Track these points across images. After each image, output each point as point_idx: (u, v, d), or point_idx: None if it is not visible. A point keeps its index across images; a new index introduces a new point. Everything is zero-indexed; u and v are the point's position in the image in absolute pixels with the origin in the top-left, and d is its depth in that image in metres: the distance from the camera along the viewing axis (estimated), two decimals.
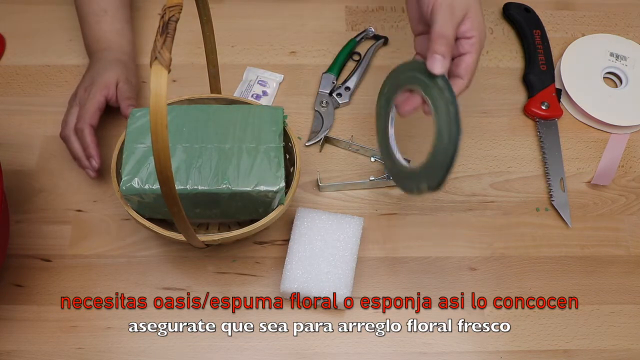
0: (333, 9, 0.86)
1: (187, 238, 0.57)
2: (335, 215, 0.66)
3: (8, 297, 0.65)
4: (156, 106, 0.41)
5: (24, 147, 0.74)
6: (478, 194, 0.72)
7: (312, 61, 0.81)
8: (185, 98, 0.67)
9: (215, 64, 0.66)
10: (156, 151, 0.43)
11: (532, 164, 0.75)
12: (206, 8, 0.58)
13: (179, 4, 0.43)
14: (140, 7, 0.84)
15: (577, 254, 0.69)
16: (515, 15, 0.84)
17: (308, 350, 0.63)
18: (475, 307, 0.66)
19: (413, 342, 0.64)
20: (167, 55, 0.41)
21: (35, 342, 0.63)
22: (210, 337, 0.64)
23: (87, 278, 0.66)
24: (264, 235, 0.69)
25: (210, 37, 0.62)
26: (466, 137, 0.76)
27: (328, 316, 0.65)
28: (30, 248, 0.67)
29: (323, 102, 0.77)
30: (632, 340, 0.65)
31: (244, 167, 0.59)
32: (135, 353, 0.63)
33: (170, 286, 0.66)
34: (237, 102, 0.68)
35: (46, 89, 0.78)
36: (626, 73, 0.80)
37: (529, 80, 0.79)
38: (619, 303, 0.67)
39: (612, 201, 0.73)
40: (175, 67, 0.78)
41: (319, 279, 0.62)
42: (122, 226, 0.69)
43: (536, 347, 0.64)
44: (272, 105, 0.77)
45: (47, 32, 0.82)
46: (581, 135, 0.77)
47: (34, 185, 0.71)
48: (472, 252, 0.69)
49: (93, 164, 0.67)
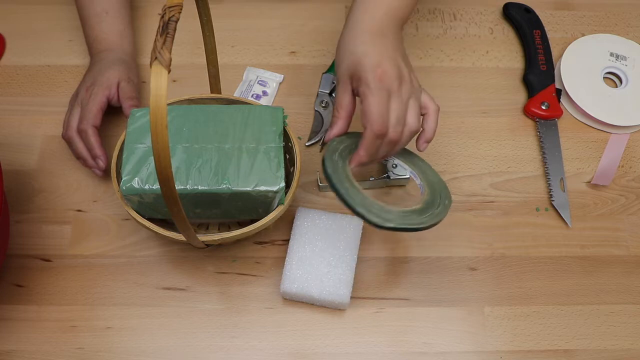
0: (333, 9, 0.86)
1: (187, 238, 0.57)
2: (335, 215, 0.66)
3: (8, 297, 0.65)
4: (156, 106, 0.41)
5: (24, 147, 0.74)
6: (478, 194, 0.72)
7: (312, 61, 0.81)
8: (185, 98, 0.67)
9: (215, 64, 0.66)
10: (156, 151, 0.43)
11: (532, 164, 0.75)
12: (206, 8, 0.58)
13: (179, 4, 0.43)
14: (140, 7, 0.84)
15: (577, 254, 0.69)
16: (515, 15, 0.84)
17: (308, 350, 0.63)
18: (475, 307, 0.66)
19: (413, 342, 0.64)
20: (167, 55, 0.41)
21: (35, 342, 0.63)
22: (210, 337, 0.64)
23: (87, 278, 0.66)
24: (264, 235, 0.69)
25: (210, 37, 0.62)
26: (466, 137, 0.76)
27: (328, 316, 0.65)
28: (30, 248, 0.67)
29: (323, 102, 0.77)
30: (632, 340, 0.65)
31: (244, 167, 0.59)
32: (135, 353, 0.63)
33: (170, 286, 0.66)
34: (237, 102, 0.68)
35: (46, 89, 0.78)
36: (626, 73, 0.80)
37: (529, 80, 0.79)
38: (619, 303, 0.67)
39: (612, 201, 0.73)
40: (175, 67, 0.78)
41: (319, 279, 0.62)
42: (122, 226, 0.69)
43: (536, 347, 0.64)
44: (272, 105, 0.77)
45: (47, 32, 0.82)
46: (581, 135, 0.77)
47: (34, 185, 0.71)
48: (472, 252, 0.69)
49: (100, 164, 0.68)
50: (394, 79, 0.56)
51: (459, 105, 0.79)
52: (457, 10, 0.86)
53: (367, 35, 0.58)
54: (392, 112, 0.56)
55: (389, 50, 0.58)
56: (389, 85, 0.56)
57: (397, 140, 0.58)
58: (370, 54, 0.57)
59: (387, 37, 0.59)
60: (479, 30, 0.85)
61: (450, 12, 0.86)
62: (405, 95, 0.57)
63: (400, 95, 0.57)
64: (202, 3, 0.57)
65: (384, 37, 0.59)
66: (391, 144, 0.58)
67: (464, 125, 0.77)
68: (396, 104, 0.56)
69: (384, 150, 0.59)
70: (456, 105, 0.78)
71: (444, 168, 0.74)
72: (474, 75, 0.81)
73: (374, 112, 0.55)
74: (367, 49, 0.57)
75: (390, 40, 0.59)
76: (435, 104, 0.61)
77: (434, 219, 0.57)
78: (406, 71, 0.58)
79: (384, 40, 0.58)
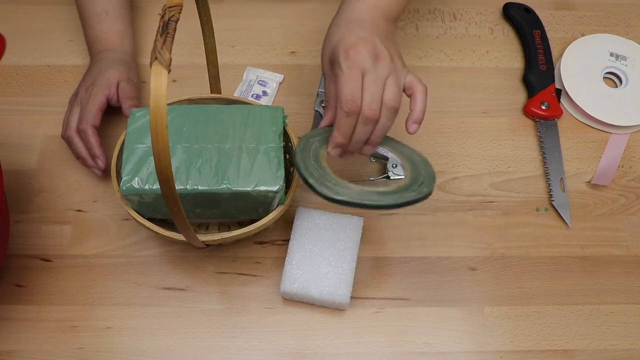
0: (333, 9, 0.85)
1: (187, 238, 0.57)
2: (335, 215, 0.66)
3: (8, 297, 0.65)
4: (156, 106, 0.41)
5: (24, 147, 0.74)
6: (478, 194, 0.72)
7: (312, 61, 0.81)
8: (185, 98, 0.67)
9: (215, 64, 0.66)
10: (156, 151, 0.43)
11: (532, 164, 0.75)
12: (206, 8, 0.58)
13: (179, 4, 0.43)
14: (140, 7, 0.84)
15: (577, 254, 0.69)
16: (515, 15, 0.84)
17: (308, 350, 0.63)
18: (475, 307, 0.66)
19: (413, 342, 0.64)
20: (167, 56, 0.41)
21: (35, 342, 0.63)
22: (210, 337, 0.64)
23: (87, 278, 0.66)
24: (264, 235, 0.69)
25: (210, 37, 0.62)
26: (466, 137, 0.76)
27: (328, 316, 0.65)
28: (30, 248, 0.67)
29: (323, 102, 0.77)
30: (632, 340, 0.65)
31: (244, 167, 0.59)
32: (135, 353, 0.63)
33: (170, 286, 0.66)
34: (237, 102, 0.68)
35: (46, 89, 0.78)
36: (626, 73, 0.80)
37: (529, 80, 0.79)
38: (619, 303, 0.67)
39: (612, 201, 0.73)
40: (175, 67, 0.78)
41: (319, 279, 0.62)
42: (122, 226, 0.69)
43: (536, 347, 0.64)
44: (272, 105, 0.77)
45: (47, 32, 0.82)
46: (581, 135, 0.77)
47: (34, 185, 0.71)
48: (472, 252, 0.69)
49: (99, 164, 0.68)
50: (367, 57, 0.55)
51: (459, 105, 0.79)
52: (457, 10, 0.86)
53: (344, 23, 0.59)
54: (366, 90, 0.55)
55: (366, 33, 0.57)
56: (362, 64, 0.55)
57: (374, 117, 0.56)
58: (345, 38, 0.56)
59: (365, 22, 0.58)
60: (479, 30, 0.85)
61: (450, 12, 0.86)
62: (383, 73, 0.56)
63: (375, 72, 0.55)
64: (202, 3, 0.57)
65: (363, 22, 0.58)
66: (368, 122, 0.56)
67: (464, 125, 0.77)
68: (370, 82, 0.55)
69: (361, 131, 0.57)
70: (456, 105, 0.79)
71: (444, 168, 0.74)
72: (474, 75, 0.81)
73: (343, 89, 0.54)
74: (343, 34, 0.57)
75: (369, 25, 0.58)
76: (423, 84, 0.59)
77: (395, 200, 0.53)
78: (384, 51, 0.56)
79: (362, 24, 0.58)
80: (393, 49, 0.58)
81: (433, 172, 0.60)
